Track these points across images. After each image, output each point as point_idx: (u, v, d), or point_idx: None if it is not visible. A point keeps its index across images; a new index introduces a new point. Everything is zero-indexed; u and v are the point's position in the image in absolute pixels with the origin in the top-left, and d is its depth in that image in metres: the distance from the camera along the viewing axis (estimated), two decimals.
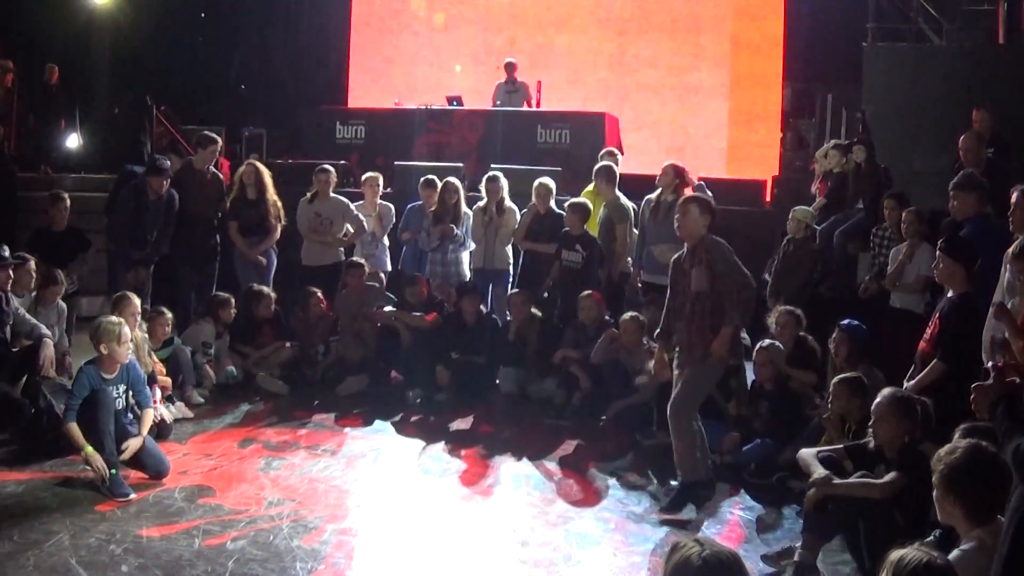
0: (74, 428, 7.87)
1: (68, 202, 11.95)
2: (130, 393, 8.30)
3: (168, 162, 12.08)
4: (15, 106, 16.64)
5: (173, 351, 10.38)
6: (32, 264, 10.16)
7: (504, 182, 12.16)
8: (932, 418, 6.82)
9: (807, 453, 6.71)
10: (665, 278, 8.88)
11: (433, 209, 11.99)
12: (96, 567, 6.31)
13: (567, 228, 11.45)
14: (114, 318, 8.41)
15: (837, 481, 6.38)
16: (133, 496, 7.58)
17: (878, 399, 6.58)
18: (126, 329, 8.27)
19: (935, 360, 7.34)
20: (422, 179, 12.65)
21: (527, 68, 18.69)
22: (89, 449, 7.76)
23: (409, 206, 12.68)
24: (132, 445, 7.99)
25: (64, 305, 10.73)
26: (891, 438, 6.43)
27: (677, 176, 11.05)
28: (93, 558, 6.44)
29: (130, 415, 8.35)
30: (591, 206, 11.55)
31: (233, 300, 11.45)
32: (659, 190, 11.10)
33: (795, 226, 11.44)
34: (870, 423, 6.59)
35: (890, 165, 12.78)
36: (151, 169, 11.53)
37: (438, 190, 12.25)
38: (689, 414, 7.81)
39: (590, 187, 12.25)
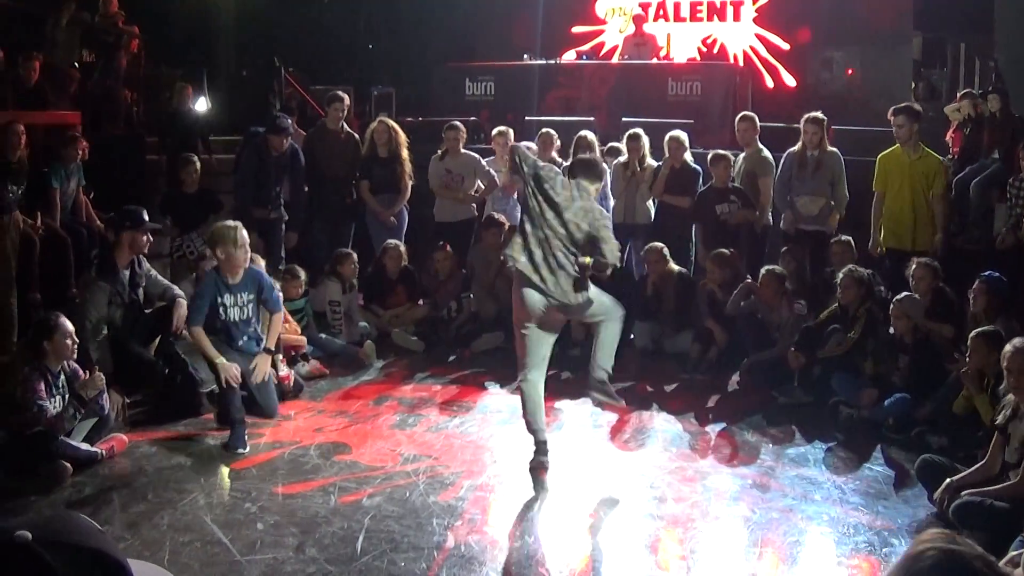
0: (200, 333, 7.95)
1: (198, 164, 12.01)
2: (255, 303, 8.33)
3: (288, 120, 12.07)
4: (142, 71, 16.70)
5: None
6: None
7: (646, 139, 11.97)
8: None
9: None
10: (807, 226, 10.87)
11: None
12: (231, 525, 6.29)
13: (712, 182, 11.38)
14: (229, 222, 8.41)
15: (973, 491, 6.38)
16: (245, 451, 7.66)
17: (1006, 350, 6.44)
18: (243, 232, 8.22)
19: None
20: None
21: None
22: (220, 360, 7.82)
23: None
24: (260, 365, 8.14)
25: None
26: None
27: (820, 129, 11.07)
28: (228, 516, 6.44)
29: (253, 329, 8.38)
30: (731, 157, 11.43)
31: (355, 256, 11.37)
32: (800, 143, 11.10)
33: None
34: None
35: None
36: (271, 128, 11.51)
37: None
38: None
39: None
